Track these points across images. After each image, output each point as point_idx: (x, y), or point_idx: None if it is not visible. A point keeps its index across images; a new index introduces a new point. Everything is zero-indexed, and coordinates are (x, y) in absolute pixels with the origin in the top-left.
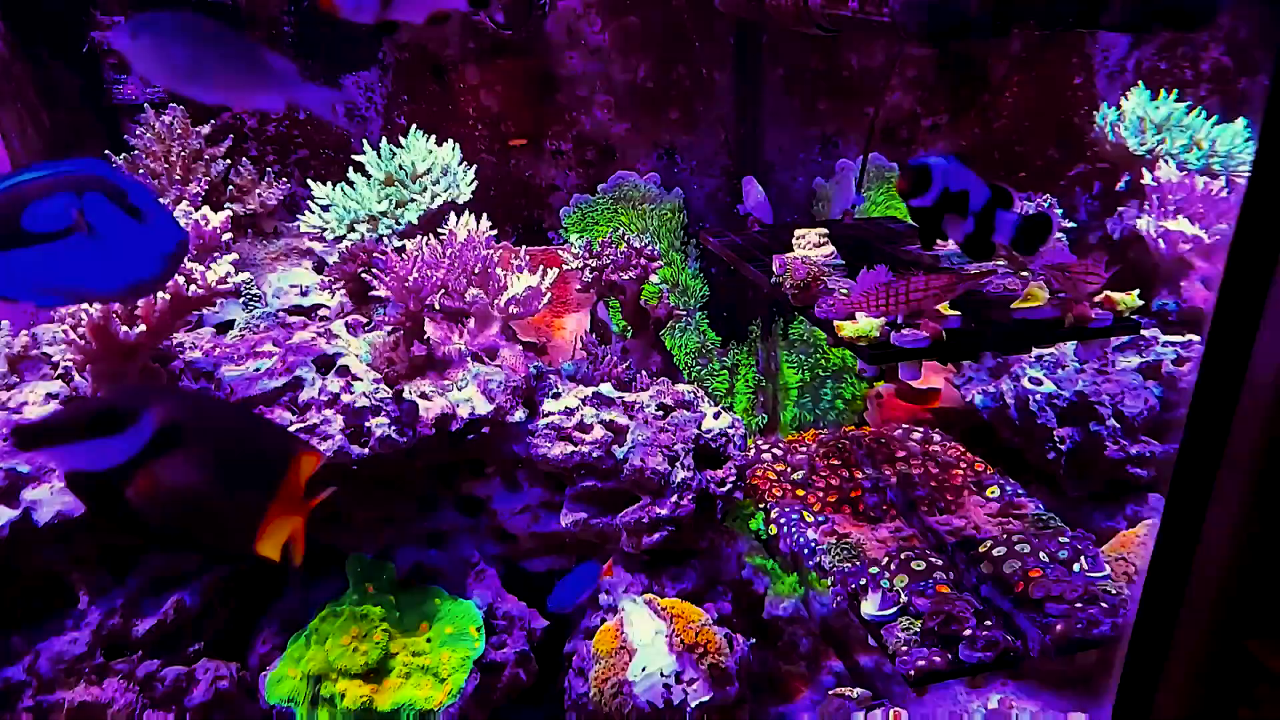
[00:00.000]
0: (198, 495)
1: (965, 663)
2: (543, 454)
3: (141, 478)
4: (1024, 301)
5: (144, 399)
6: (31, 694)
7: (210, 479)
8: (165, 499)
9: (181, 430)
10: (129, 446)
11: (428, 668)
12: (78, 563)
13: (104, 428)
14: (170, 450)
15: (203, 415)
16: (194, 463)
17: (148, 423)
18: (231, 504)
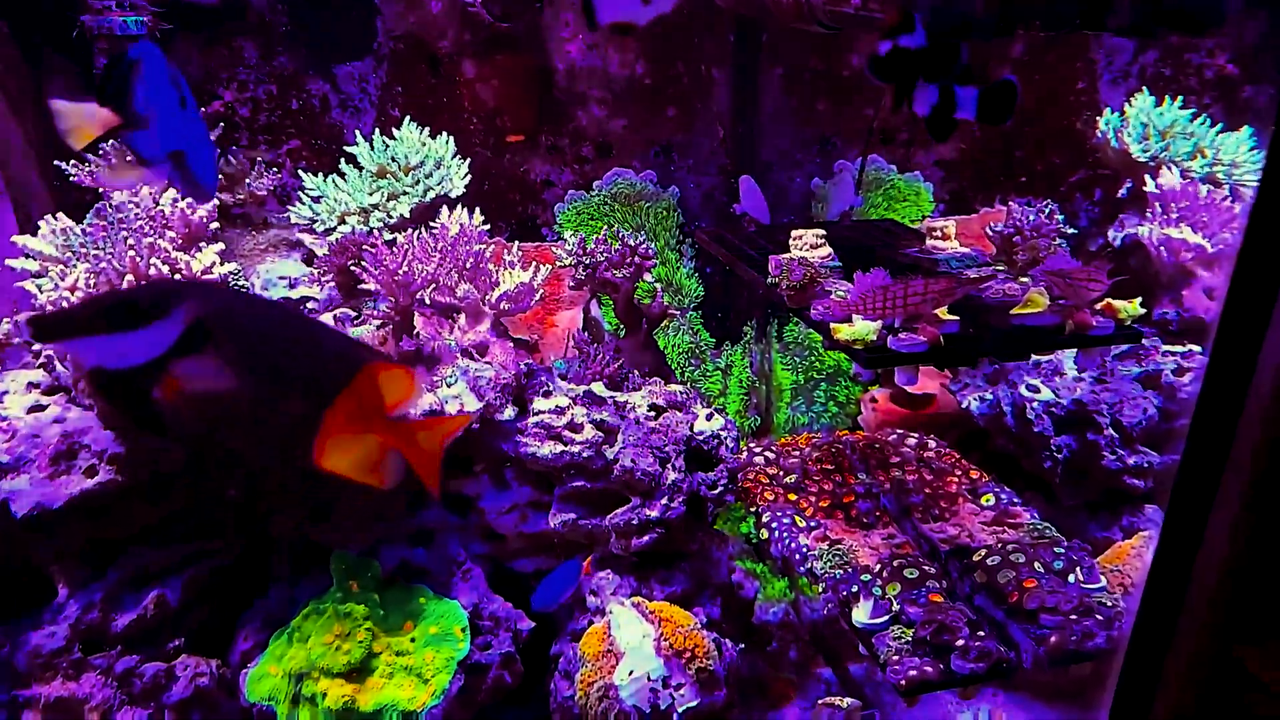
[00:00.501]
0: (232, 399)
1: (957, 673)
2: (532, 453)
3: (170, 377)
4: (1024, 307)
5: (176, 292)
6: (6, 688)
7: (248, 382)
8: (195, 401)
9: (217, 328)
10: (157, 342)
11: (411, 668)
12: (57, 555)
13: (129, 321)
14: (204, 349)
15: (244, 314)
16: (230, 363)
17: (178, 317)
18: (273, 411)
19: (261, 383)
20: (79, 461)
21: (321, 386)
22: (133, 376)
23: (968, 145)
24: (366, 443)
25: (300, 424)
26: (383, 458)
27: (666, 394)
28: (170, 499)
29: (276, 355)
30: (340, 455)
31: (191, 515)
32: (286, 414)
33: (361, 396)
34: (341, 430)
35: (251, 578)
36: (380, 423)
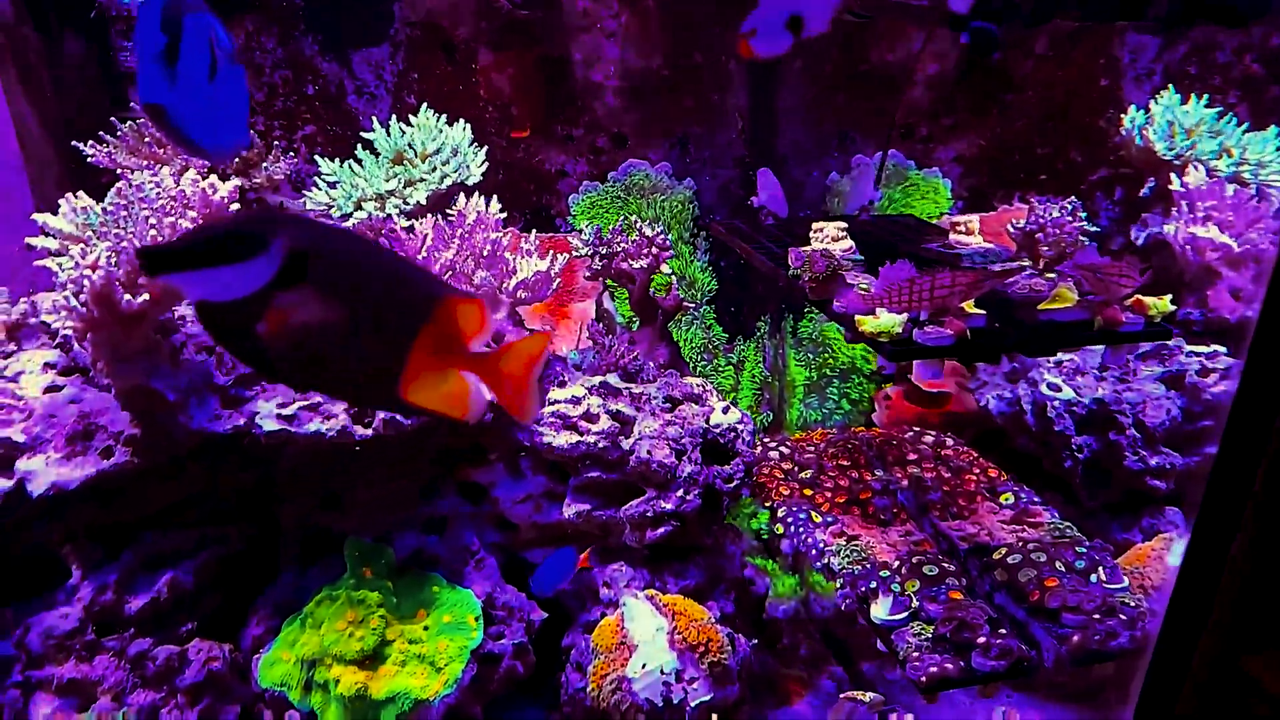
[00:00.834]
0: (331, 332)
1: (978, 671)
2: (547, 442)
3: (273, 310)
4: (1052, 302)
5: (274, 224)
6: (20, 669)
7: (345, 315)
8: (296, 334)
9: (314, 259)
10: (258, 275)
11: (424, 656)
12: (71, 537)
13: (231, 254)
14: (302, 281)
15: (336, 246)
16: (328, 296)
17: (278, 249)
18: (366, 345)
19: (353, 316)
20: (95, 443)
21: (407, 319)
22: (236, 310)
23: (987, 142)
24: (451, 376)
25: (387, 358)
26: (467, 390)
27: (683, 386)
28: (183, 483)
29: (366, 288)
30: (426, 390)
31: (204, 500)
32: (376, 348)
33: (443, 329)
34: (426, 364)
35: (262, 564)
36: (462, 355)
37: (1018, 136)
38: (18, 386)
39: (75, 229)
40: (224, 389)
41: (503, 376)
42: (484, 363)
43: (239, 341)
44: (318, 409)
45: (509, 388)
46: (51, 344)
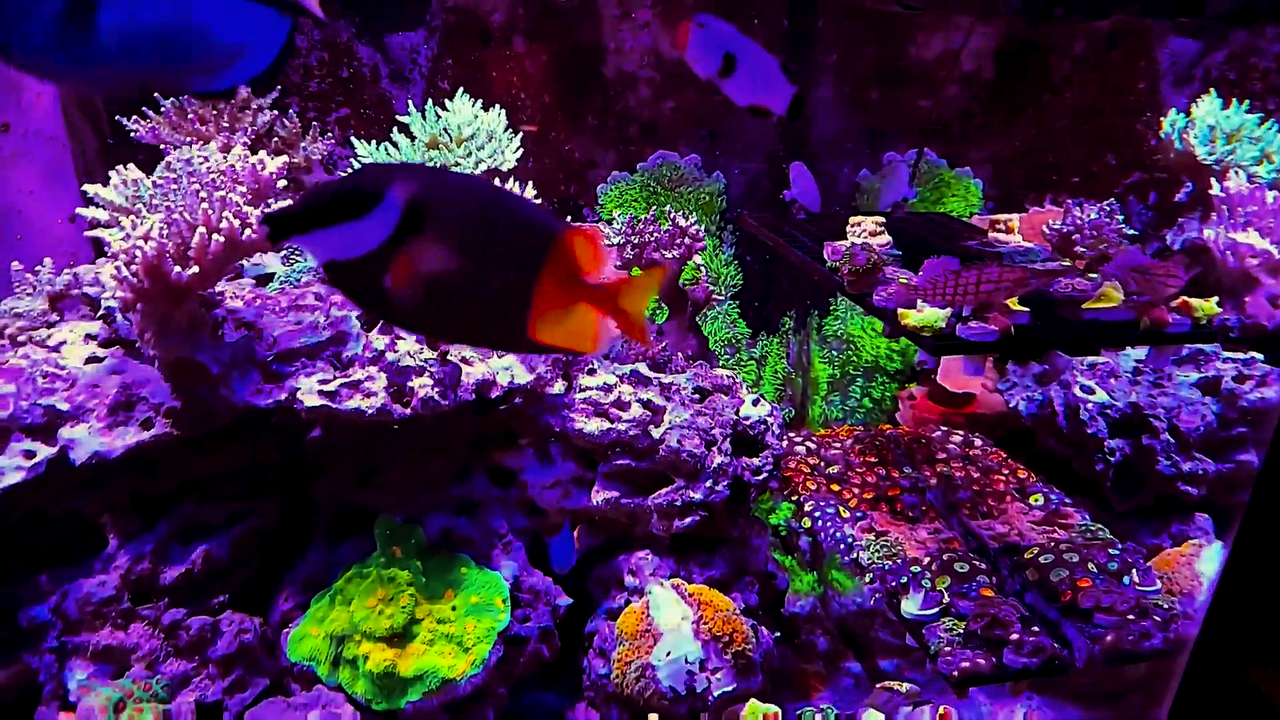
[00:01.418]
0: (455, 278)
1: (1009, 667)
2: (579, 429)
3: (397, 263)
4: (1097, 302)
5: (387, 175)
6: (56, 635)
7: (466, 261)
8: (422, 284)
9: (432, 208)
10: (379, 229)
11: (452, 636)
12: (109, 506)
13: (349, 211)
14: (422, 231)
15: (451, 191)
16: (449, 243)
17: (394, 200)
18: (491, 288)
19: (476, 260)
20: (136, 413)
21: (529, 257)
22: (361, 266)
23: (1021, 142)
24: (576, 311)
25: (513, 298)
26: (594, 323)
27: (713, 378)
28: (219, 456)
29: (486, 230)
30: (553, 327)
31: (239, 474)
32: (501, 290)
33: (564, 265)
34: (551, 301)
35: (292, 539)
36: (584, 289)
37: (1052, 138)
38: (60, 356)
39: (125, 201)
40: (265, 364)
41: (623, 311)
42: (603, 295)
43: (368, 296)
44: (358, 386)
45: (629, 319)
46: (93, 315)
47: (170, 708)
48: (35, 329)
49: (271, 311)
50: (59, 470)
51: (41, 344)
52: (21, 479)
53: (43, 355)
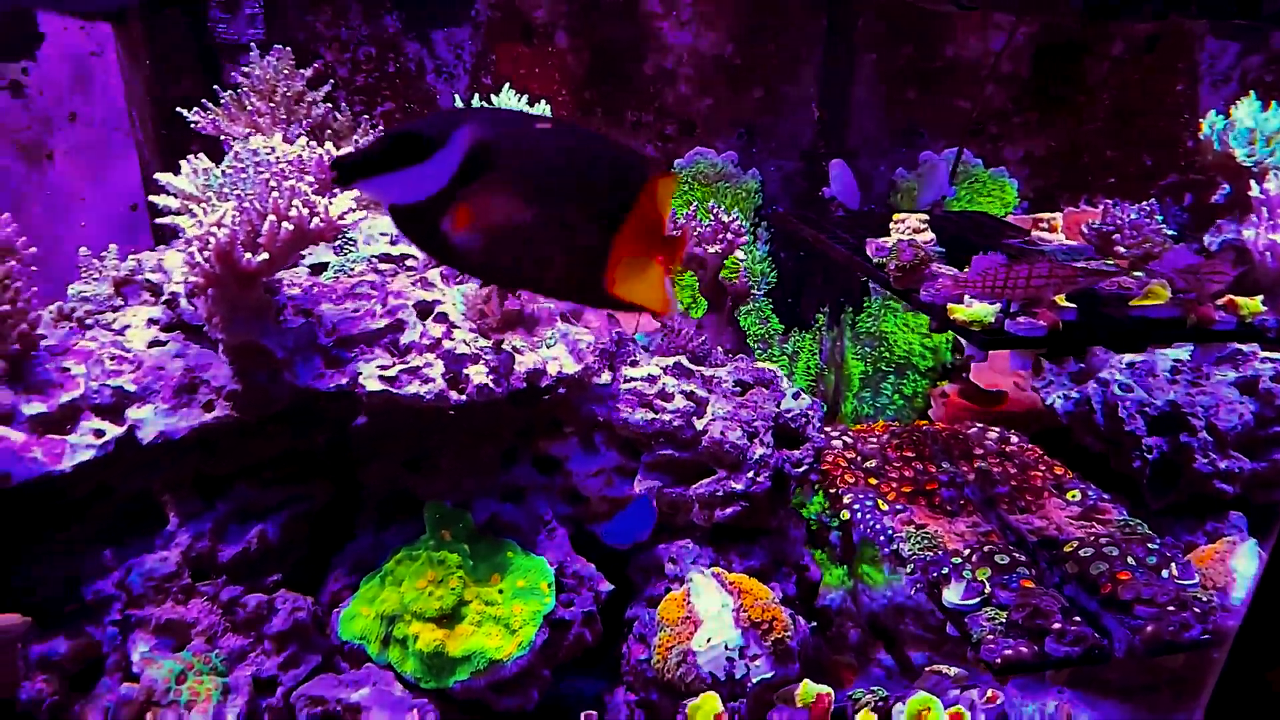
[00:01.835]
0: (524, 224)
1: (1051, 656)
2: (624, 419)
3: (457, 208)
4: (1145, 299)
5: (453, 119)
6: (120, 608)
7: (536, 207)
8: (482, 231)
9: (499, 150)
10: (440, 172)
11: (499, 618)
12: (170, 485)
13: (413, 154)
14: (487, 176)
15: (523, 134)
16: (517, 186)
17: (458, 144)
18: (566, 235)
19: (549, 205)
20: (199, 396)
21: (612, 204)
22: (425, 210)
23: (1058, 143)
24: (652, 266)
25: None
26: (663, 280)
27: (754, 371)
28: (275, 439)
29: (562, 173)
30: (631, 281)
31: (292, 458)
32: (577, 237)
33: (649, 213)
34: (630, 255)
35: (340, 523)
36: (660, 242)
37: (1088, 138)
38: (125, 340)
39: (196, 189)
40: (326, 349)
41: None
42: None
43: (432, 242)
44: (417, 372)
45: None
46: (154, 301)
47: (229, 680)
48: (101, 313)
49: (328, 299)
50: (126, 449)
51: (107, 327)
52: (92, 456)
53: (109, 338)
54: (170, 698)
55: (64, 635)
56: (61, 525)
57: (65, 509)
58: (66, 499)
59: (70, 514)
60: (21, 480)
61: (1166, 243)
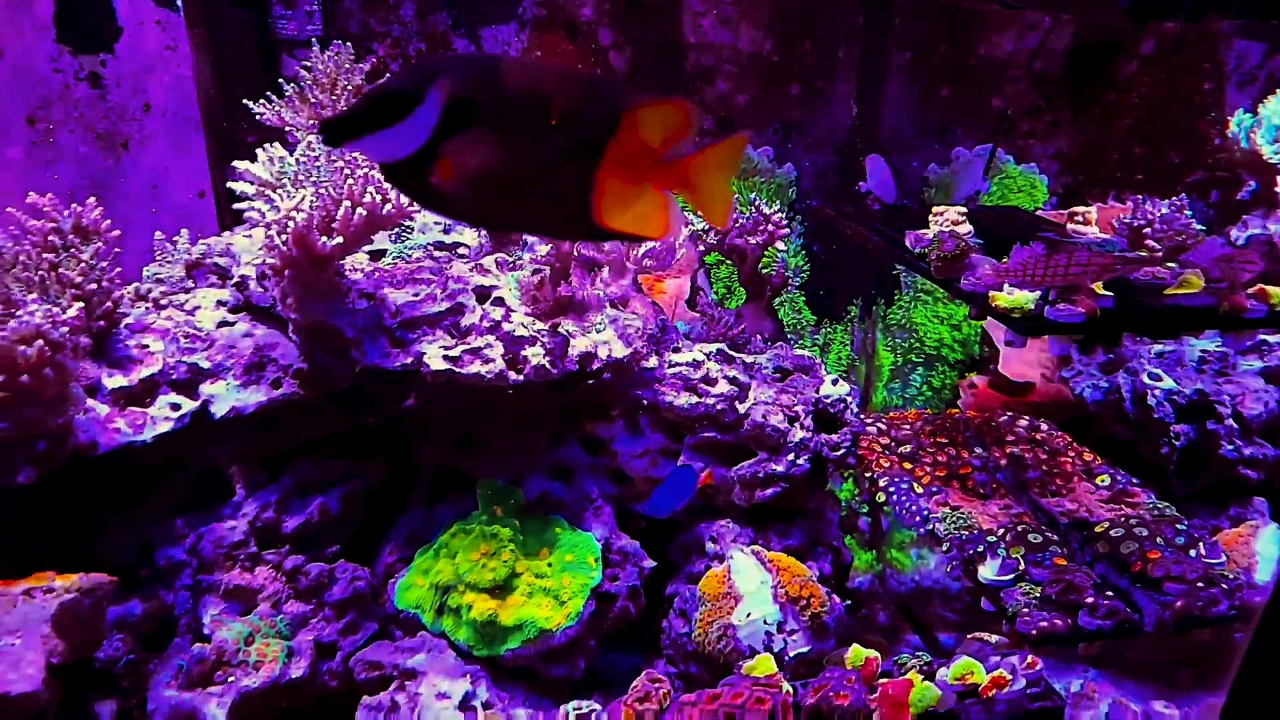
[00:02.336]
0: (500, 173)
1: (1084, 629)
2: (669, 402)
3: (441, 162)
4: (1179, 288)
5: (429, 73)
6: (191, 573)
7: (516, 151)
8: (468, 180)
9: (475, 101)
10: (421, 128)
11: (549, 590)
12: (237, 458)
13: (391, 114)
14: (464, 128)
15: (496, 82)
16: (493, 137)
17: (434, 100)
18: (549, 174)
19: (528, 148)
20: (267, 373)
21: (590, 138)
22: (411, 166)
23: (1087, 140)
24: (644, 193)
25: (574, 183)
26: (664, 207)
27: (794, 357)
28: (335, 417)
29: (539, 116)
30: (619, 211)
31: (351, 435)
32: (560, 175)
33: (632, 143)
34: (616, 184)
35: (393, 500)
36: (655, 168)
37: (1117, 136)
38: (196, 320)
39: (271, 176)
40: (390, 330)
41: (699, 186)
42: (678, 172)
43: (424, 195)
44: (478, 352)
45: (706, 193)
46: (221, 284)
47: (292, 644)
48: (174, 294)
49: (390, 284)
50: (200, 422)
51: (180, 308)
52: (170, 428)
53: (182, 318)
54: (239, 658)
55: (138, 598)
56: (137, 495)
57: (140, 480)
58: (142, 470)
59: (145, 484)
60: (107, 449)
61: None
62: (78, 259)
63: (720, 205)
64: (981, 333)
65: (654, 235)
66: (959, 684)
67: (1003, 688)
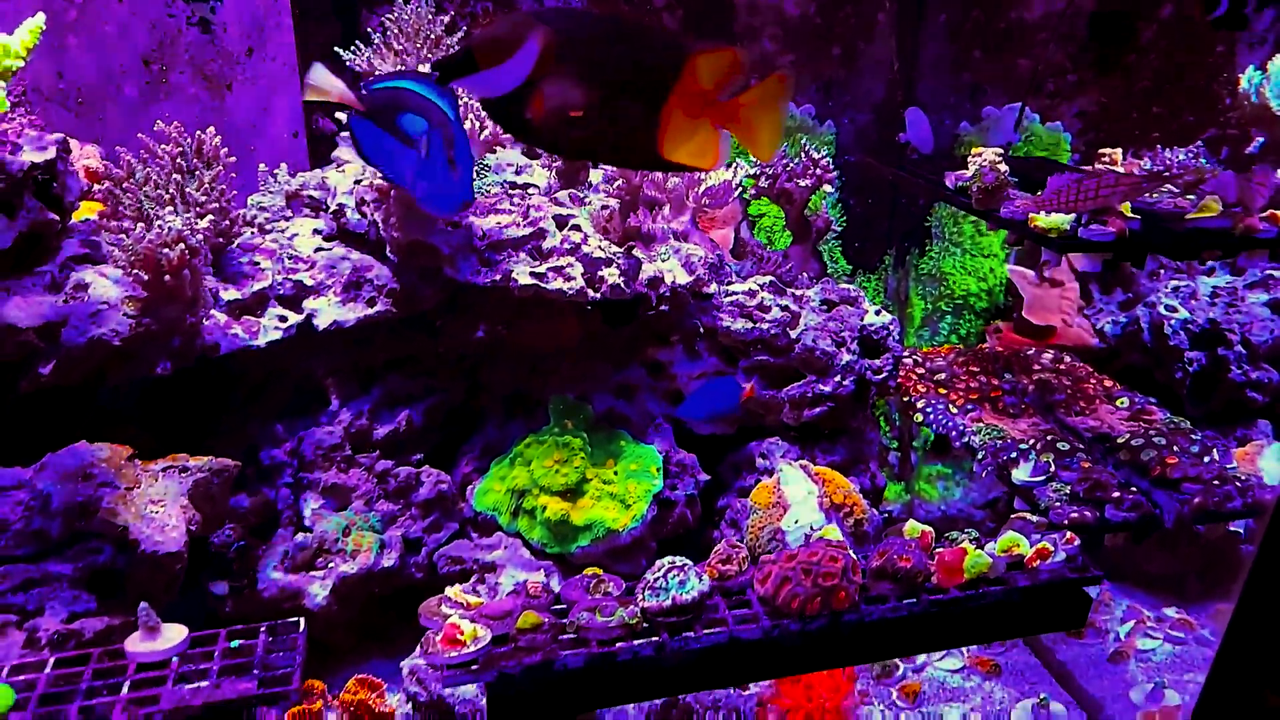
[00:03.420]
0: (590, 108)
1: (1111, 521)
2: (726, 327)
3: (535, 98)
4: (1198, 212)
5: (527, 23)
6: (292, 473)
7: (598, 91)
8: (556, 116)
9: (564, 48)
10: (519, 70)
11: (616, 494)
12: (333, 371)
13: (494, 57)
14: (556, 70)
15: (583, 32)
16: (580, 79)
17: (531, 46)
18: (624, 112)
19: (608, 89)
20: (364, 292)
21: (659, 81)
22: (510, 101)
23: (1109, 100)
24: (701, 129)
25: (645, 119)
26: (715, 141)
27: (839, 291)
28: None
29: (617, 61)
30: (679, 144)
31: (433, 355)
32: (633, 112)
33: (693, 84)
34: (679, 120)
35: (468, 419)
36: (711, 106)
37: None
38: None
39: None
40: (480, 251)
41: (748, 119)
42: (730, 109)
43: (517, 126)
44: (560, 271)
45: (755, 129)
46: (314, 215)
47: (384, 538)
48: (276, 222)
49: (473, 214)
50: (304, 334)
51: (281, 233)
52: (279, 337)
53: (285, 241)
54: (338, 547)
55: (245, 494)
56: (245, 400)
57: (248, 387)
58: (249, 379)
59: (251, 392)
60: (228, 351)
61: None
62: (201, 181)
63: (767, 140)
64: (1007, 283)
65: (706, 166)
66: (1005, 556)
67: (1046, 558)
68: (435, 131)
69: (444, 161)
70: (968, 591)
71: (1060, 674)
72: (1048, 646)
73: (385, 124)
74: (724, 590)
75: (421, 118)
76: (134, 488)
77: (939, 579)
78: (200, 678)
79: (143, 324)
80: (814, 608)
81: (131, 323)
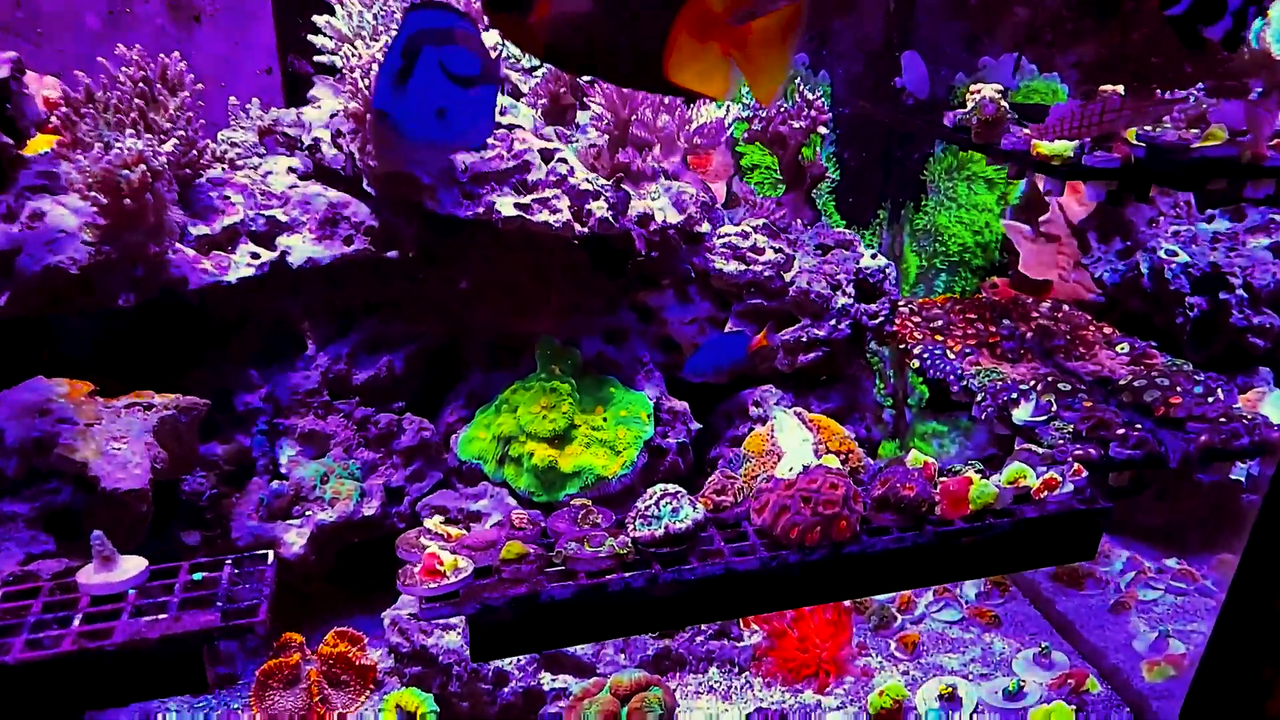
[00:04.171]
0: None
1: (1115, 459)
2: (719, 269)
3: (539, 7)
4: (1204, 140)
5: None
6: (267, 419)
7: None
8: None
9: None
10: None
11: (605, 441)
12: (309, 314)
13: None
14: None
15: None
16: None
17: None
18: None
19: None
20: (340, 230)
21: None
22: (514, 6)
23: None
24: (710, 54)
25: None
26: (726, 69)
27: (834, 234)
28: (399, 279)
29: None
30: (686, 68)
31: (413, 299)
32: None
33: (702, 5)
34: (686, 41)
35: (451, 367)
36: (721, 30)
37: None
38: (268, 183)
39: (349, 30)
40: (462, 184)
41: (755, 50)
42: (741, 35)
43: (523, 38)
44: (546, 203)
45: (761, 61)
46: (288, 152)
47: (364, 486)
48: (248, 158)
49: None
50: (278, 271)
51: (254, 170)
52: (251, 274)
53: (258, 177)
54: (315, 494)
55: (217, 441)
56: (215, 342)
57: (219, 330)
58: (220, 319)
59: (222, 334)
60: (196, 286)
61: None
62: (165, 107)
63: (771, 77)
64: (1002, 239)
65: (714, 94)
66: (1012, 488)
67: (1054, 489)
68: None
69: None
70: (974, 523)
71: (1061, 625)
72: (1048, 598)
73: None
74: (719, 522)
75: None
76: (94, 424)
77: (943, 510)
78: (159, 611)
79: (102, 252)
80: (814, 538)
81: (91, 250)
